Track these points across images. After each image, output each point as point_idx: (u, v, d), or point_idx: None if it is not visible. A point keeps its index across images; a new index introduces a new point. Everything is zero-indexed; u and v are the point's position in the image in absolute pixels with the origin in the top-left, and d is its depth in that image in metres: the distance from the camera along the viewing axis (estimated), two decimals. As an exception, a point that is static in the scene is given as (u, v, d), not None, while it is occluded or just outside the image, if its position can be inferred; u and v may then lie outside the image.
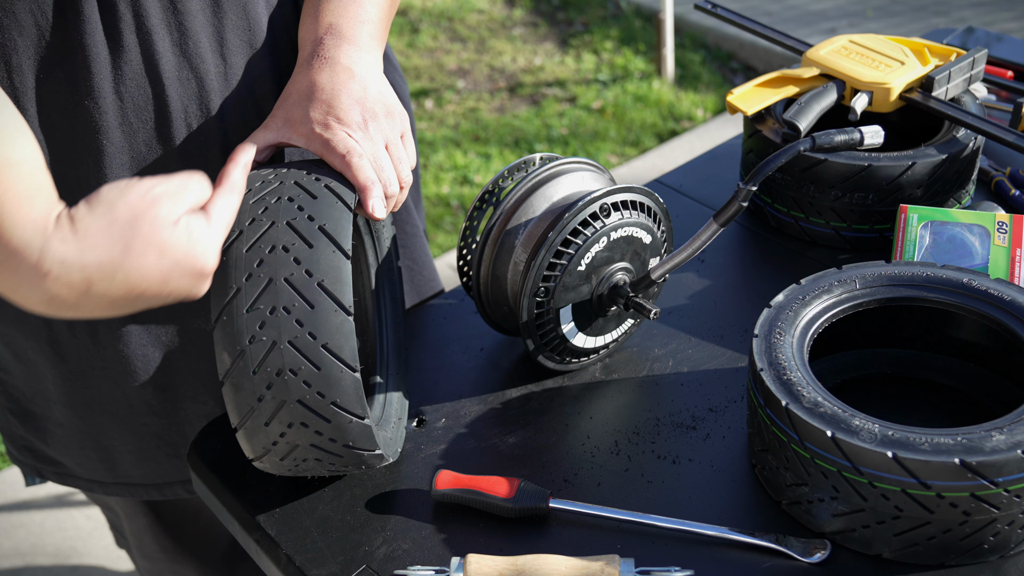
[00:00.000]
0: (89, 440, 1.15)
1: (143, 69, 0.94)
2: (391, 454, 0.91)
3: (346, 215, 0.82)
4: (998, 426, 0.80)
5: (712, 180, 1.39)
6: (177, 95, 0.96)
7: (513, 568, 0.84)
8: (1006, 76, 1.44)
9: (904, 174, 1.15)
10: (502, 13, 4.56)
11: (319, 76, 0.91)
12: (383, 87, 0.94)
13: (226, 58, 0.98)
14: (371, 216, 0.87)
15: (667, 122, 3.64)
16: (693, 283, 1.19)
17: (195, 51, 0.96)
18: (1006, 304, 0.93)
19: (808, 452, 0.83)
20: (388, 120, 0.92)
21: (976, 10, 4.08)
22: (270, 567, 0.91)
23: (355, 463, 0.87)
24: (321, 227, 0.81)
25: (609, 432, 1.00)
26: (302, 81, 0.92)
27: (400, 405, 1.02)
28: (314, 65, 0.93)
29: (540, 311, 1.00)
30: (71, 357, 1.08)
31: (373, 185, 0.87)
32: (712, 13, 1.42)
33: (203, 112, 0.98)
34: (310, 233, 0.80)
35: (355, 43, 0.95)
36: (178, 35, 0.94)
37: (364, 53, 0.95)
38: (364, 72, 0.93)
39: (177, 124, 0.97)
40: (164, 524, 1.34)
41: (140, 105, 0.95)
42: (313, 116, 0.89)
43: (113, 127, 0.95)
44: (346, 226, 0.81)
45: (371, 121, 0.90)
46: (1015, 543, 0.83)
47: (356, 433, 0.82)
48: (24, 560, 2.14)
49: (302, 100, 0.90)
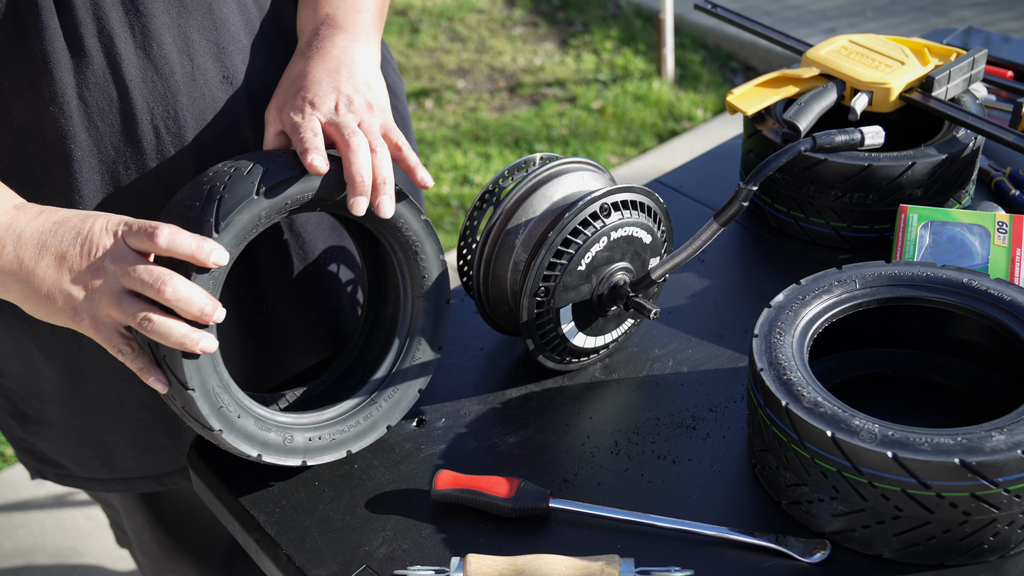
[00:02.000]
0: (85, 438, 1.15)
1: (107, 72, 0.94)
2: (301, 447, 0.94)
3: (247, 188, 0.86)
4: (998, 426, 0.80)
5: (712, 180, 1.39)
6: (142, 97, 0.96)
7: (513, 568, 0.84)
8: (1006, 76, 1.44)
9: (904, 174, 1.15)
10: (502, 13, 4.56)
11: (309, 64, 0.94)
12: (370, 78, 0.95)
13: (193, 58, 0.98)
14: (312, 168, 0.87)
15: (667, 122, 3.64)
16: (693, 283, 1.19)
17: (159, 52, 0.96)
18: (1006, 304, 0.93)
19: (808, 452, 0.83)
20: (365, 111, 0.92)
21: (976, 10, 4.08)
22: (270, 567, 0.91)
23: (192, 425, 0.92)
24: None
25: (609, 432, 1.00)
26: (293, 69, 0.94)
27: (389, 407, 1.01)
28: (307, 54, 0.95)
29: (540, 311, 1.00)
30: (58, 360, 1.08)
31: (313, 149, 0.87)
32: (712, 13, 1.42)
33: (169, 113, 0.98)
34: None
35: (350, 33, 0.96)
36: (141, 37, 0.94)
37: (359, 43, 0.96)
38: (353, 62, 0.94)
39: (143, 126, 0.97)
40: (163, 521, 1.34)
41: (104, 109, 0.95)
42: (294, 102, 0.91)
43: (79, 131, 0.95)
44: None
45: (346, 110, 0.90)
46: (1015, 543, 0.83)
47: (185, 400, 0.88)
48: (24, 560, 2.14)
49: (291, 87, 0.93)
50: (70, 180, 0.96)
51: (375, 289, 1.06)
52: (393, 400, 1.01)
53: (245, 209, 0.85)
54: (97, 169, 0.97)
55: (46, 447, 1.19)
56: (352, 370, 1.05)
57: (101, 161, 0.97)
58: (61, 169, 0.96)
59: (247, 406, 0.91)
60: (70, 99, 0.94)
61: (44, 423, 1.16)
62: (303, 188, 0.88)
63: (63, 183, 0.96)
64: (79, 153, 0.96)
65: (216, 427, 0.88)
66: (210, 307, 0.82)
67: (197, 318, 0.82)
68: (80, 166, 0.96)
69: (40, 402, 1.14)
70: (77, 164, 0.96)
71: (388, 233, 0.97)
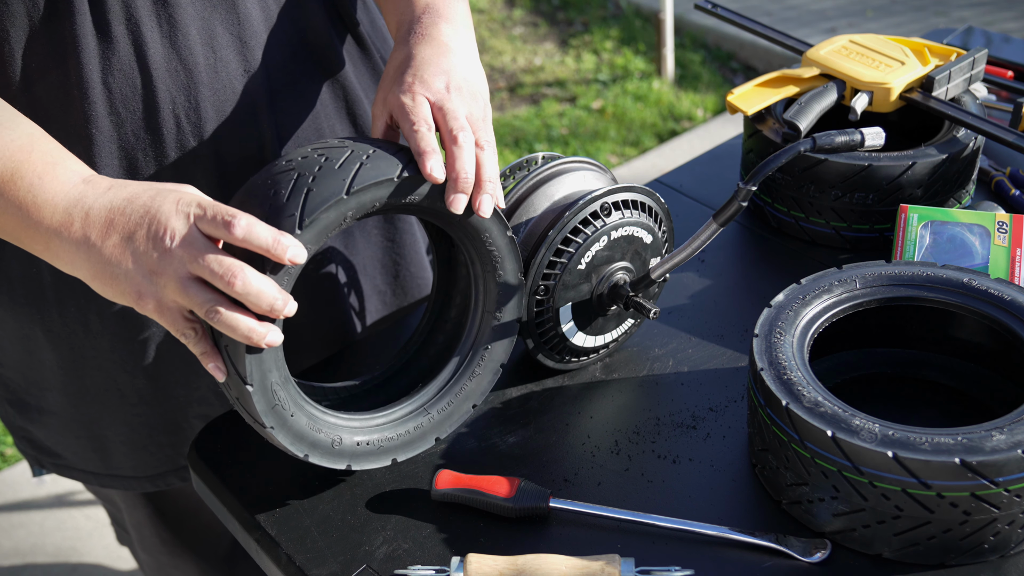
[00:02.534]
0: (83, 429, 1.15)
1: (132, 60, 0.95)
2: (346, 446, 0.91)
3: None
4: (998, 426, 0.80)
5: (712, 180, 1.39)
6: (165, 87, 0.96)
7: (513, 568, 0.84)
8: (1006, 76, 1.44)
9: (904, 174, 1.15)
10: (502, 13, 4.56)
11: (415, 48, 0.92)
12: (475, 66, 0.93)
13: (216, 51, 0.98)
14: (430, 178, 0.84)
15: (667, 122, 3.64)
16: (693, 283, 1.19)
17: (184, 43, 0.96)
18: (1006, 304, 0.93)
19: (808, 452, 0.83)
20: (472, 99, 0.90)
21: (976, 10, 4.08)
22: (270, 567, 0.91)
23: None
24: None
25: (609, 432, 1.00)
26: (399, 55, 0.93)
27: (441, 417, 0.98)
28: (411, 40, 0.93)
29: (540, 309, 1.00)
30: (63, 346, 1.08)
31: (432, 153, 0.84)
32: (712, 13, 1.42)
33: (191, 103, 0.98)
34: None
35: (452, 21, 0.95)
36: (167, 27, 0.95)
37: (461, 30, 0.95)
38: (459, 48, 0.93)
39: (165, 115, 0.97)
40: (164, 516, 1.34)
41: (128, 95, 0.96)
42: (401, 83, 0.89)
43: (101, 116, 0.95)
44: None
45: (456, 94, 0.88)
46: (1015, 543, 0.83)
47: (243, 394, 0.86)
48: (24, 560, 2.14)
49: (397, 72, 0.91)
50: (90, 164, 0.96)
51: (442, 292, 1.03)
52: (446, 413, 0.97)
53: (332, 208, 0.80)
54: (116, 155, 0.98)
55: (45, 436, 1.19)
56: (407, 368, 1.03)
57: (121, 147, 0.97)
58: (81, 152, 0.96)
59: (300, 403, 0.88)
60: (95, 83, 0.94)
61: (44, 411, 1.16)
62: (397, 192, 0.83)
63: None
64: (100, 138, 0.96)
65: (268, 424, 0.85)
66: (280, 302, 0.78)
67: (267, 312, 0.78)
68: (100, 150, 0.96)
69: (40, 390, 1.14)
70: (97, 148, 0.96)
71: (470, 243, 0.92)
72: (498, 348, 0.98)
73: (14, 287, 1.05)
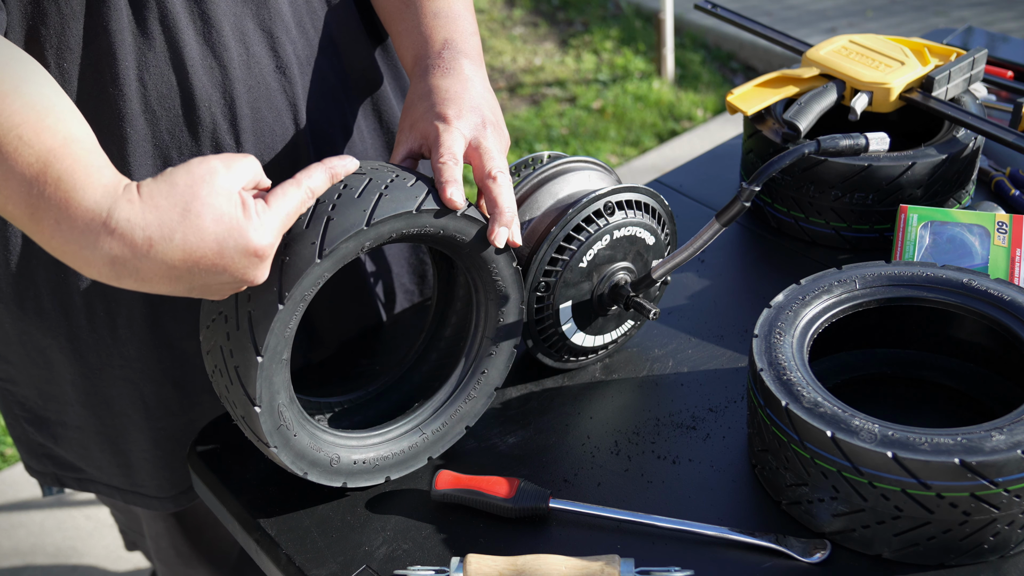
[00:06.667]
0: (107, 443, 1.15)
1: (167, 57, 0.94)
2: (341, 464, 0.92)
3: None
4: (998, 426, 0.80)
5: (712, 180, 1.39)
6: (201, 84, 0.96)
7: (513, 568, 0.84)
8: (1006, 76, 1.44)
9: (904, 174, 1.15)
10: (502, 13, 4.56)
11: (440, 81, 0.93)
12: (495, 100, 0.95)
13: (248, 47, 0.98)
14: (450, 203, 0.85)
15: (667, 122, 3.64)
16: (693, 283, 1.19)
17: (218, 40, 0.96)
18: (1006, 304, 0.93)
19: (808, 452, 0.83)
20: (497, 133, 0.92)
21: (976, 10, 4.08)
22: (270, 567, 0.91)
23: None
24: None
25: (609, 432, 1.00)
26: (421, 87, 0.93)
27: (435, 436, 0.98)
28: (434, 73, 0.94)
29: (540, 306, 1.00)
30: (90, 353, 1.07)
31: (455, 183, 0.85)
32: (712, 13, 1.42)
33: (226, 101, 0.98)
34: None
35: (471, 56, 0.96)
36: (201, 24, 0.95)
37: (478, 66, 0.97)
38: (481, 83, 0.94)
39: (201, 112, 0.97)
40: (183, 528, 1.34)
41: (164, 93, 0.95)
42: (434, 112, 0.90)
43: (136, 114, 0.95)
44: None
45: (490, 130, 0.90)
46: (1015, 543, 0.83)
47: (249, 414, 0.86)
48: (24, 560, 2.14)
49: (422, 102, 0.92)
50: (123, 164, 0.96)
51: (440, 311, 1.03)
52: (440, 433, 0.98)
53: (352, 239, 0.82)
54: (150, 154, 0.97)
55: (66, 451, 1.18)
56: (399, 384, 1.03)
57: (155, 146, 0.97)
58: (115, 152, 0.95)
59: (303, 423, 0.89)
60: (131, 81, 0.93)
61: (66, 425, 1.15)
62: (415, 223, 0.85)
63: (116, 165, 0.95)
64: (135, 136, 0.96)
65: (272, 444, 0.86)
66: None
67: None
68: (134, 149, 0.96)
69: (60, 404, 1.13)
70: (131, 147, 0.96)
71: (476, 273, 0.93)
72: (494, 372, 0.99)
73: (41, 294, 1.04)
